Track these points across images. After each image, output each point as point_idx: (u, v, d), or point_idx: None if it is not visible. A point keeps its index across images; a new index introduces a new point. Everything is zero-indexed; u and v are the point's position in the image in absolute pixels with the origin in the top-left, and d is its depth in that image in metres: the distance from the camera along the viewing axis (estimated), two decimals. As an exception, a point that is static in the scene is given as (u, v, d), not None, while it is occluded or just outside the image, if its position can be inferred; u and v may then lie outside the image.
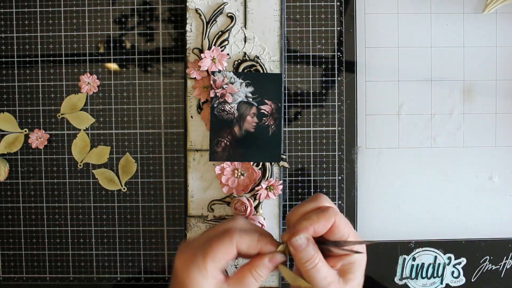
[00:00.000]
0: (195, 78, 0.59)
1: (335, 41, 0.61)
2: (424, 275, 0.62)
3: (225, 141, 0.58)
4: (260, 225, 0.59)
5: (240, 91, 0.58)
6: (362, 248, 0.46)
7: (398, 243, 0.62)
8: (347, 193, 0.62)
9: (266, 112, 0.58)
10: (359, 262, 0.46)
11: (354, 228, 0.62)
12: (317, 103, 0.61)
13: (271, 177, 0.59)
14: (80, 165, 0.62)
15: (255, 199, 0.59)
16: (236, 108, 0.58)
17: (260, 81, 0.58)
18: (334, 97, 0.61)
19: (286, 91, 0.61)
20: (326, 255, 0.46)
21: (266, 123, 0.58)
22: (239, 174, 0.59)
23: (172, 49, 0.61)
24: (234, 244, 0.44)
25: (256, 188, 0.59)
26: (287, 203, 0.61)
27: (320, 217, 0.45)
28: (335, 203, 0.61)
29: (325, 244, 0.46)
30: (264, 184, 0.59)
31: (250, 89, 0.58)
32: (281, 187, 0.59)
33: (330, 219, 0.45)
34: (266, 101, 0.58)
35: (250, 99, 0.58)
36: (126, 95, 0.61)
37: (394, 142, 0.62)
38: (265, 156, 0.59)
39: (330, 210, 0.46)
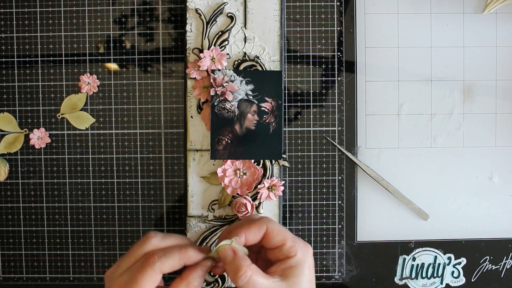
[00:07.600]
0: (195, 78, 0.59)
1: (335, 41, 0.61)
2: (424, 275, 0.62)
3: (226, 139, 0.58)
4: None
5: (240, 89, 0.58)
6: (301, 251, 0.46)
7: (398, 243, 0.62)
8: (347, 193, 0.62)
9: (266, 110, 0.58)
10: (301, 265, 0.46)
11: (354, 228, 0.62)
12: (317, 103, 0.61)
13: (272, 176, 0.59)
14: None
15: (255, 199, 0.59)
16: (236, 106, 0.58)
17: (260, 78, 0.58)
18: (334, 97, 0.61)
19: (286, 91, 0.61)
20: (267, 265, 0.47)
21: (267, 121, 0.58)
22: (241, 173, 0.59)
23: (172, 49, 0.61)
24: (157, 271, 0.44)
25: (258, 187, 0.59)
26: (287, 203, 0.61)
27: (251, 224, 0.47)
28: (335, 203, 0.61)
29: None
30: (266, 183, 0.59)
31: (250, 87, 0.58)
32: (282, 188, 0.59)
33: (261, 226, 0.47)
34: (267, 98, 0.58)
35: (251, 97, 0.58)
36: (126, 95, 0.61)
37: (394, 142, 0.62)
38: (266, 154, 0.59)
39: (261, 219, 0.48)
